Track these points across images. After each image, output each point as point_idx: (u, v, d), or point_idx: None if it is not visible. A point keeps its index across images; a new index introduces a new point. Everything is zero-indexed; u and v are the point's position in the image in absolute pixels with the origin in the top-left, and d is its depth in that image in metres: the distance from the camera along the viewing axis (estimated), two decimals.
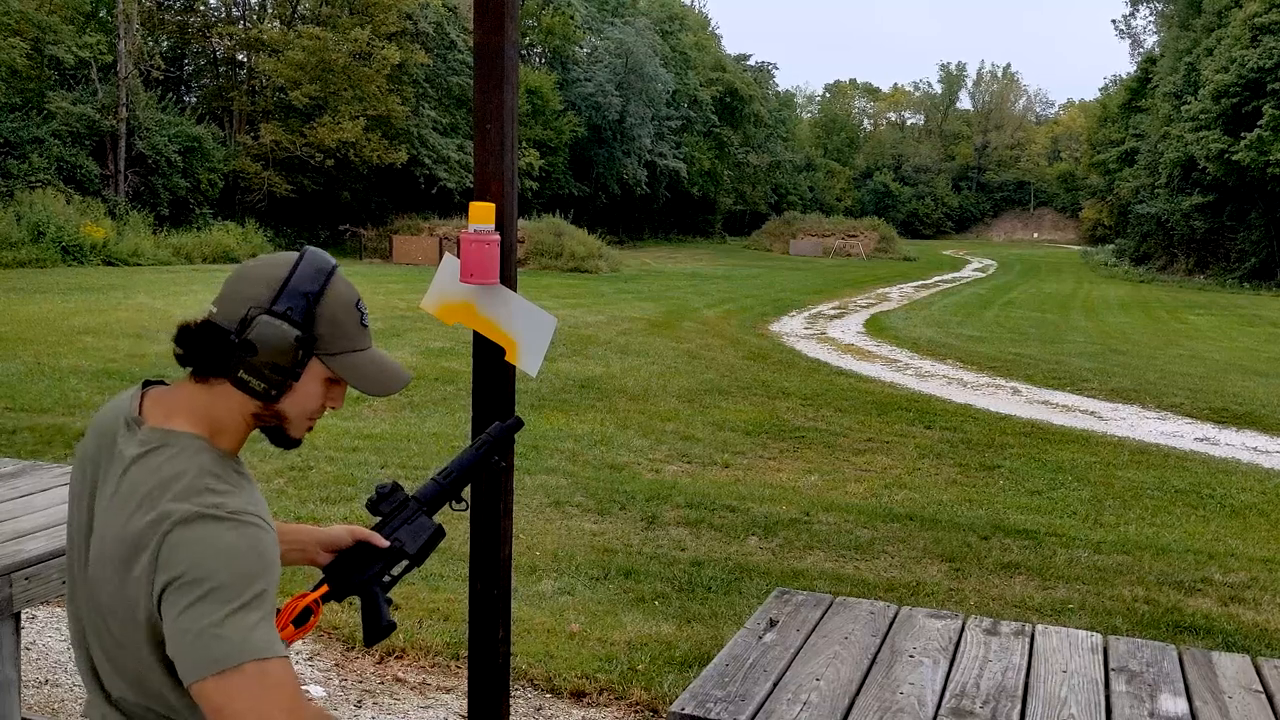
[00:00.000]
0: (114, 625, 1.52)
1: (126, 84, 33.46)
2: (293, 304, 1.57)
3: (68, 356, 11.57)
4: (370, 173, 40.57)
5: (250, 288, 1.57)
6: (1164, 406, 11.73)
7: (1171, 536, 6.63)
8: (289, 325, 1.56)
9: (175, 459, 1.52)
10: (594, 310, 20.31)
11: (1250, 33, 37.53)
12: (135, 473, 1.52)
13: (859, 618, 2.72)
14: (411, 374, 1.79)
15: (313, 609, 1.75)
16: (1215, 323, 24.44)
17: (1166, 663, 2.51)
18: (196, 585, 1.41)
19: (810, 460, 8.45)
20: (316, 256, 1.63)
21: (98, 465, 1.59)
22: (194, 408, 1.58)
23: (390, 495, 1.94)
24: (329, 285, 1.62)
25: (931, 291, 32.90)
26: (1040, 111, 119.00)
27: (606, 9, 60.19)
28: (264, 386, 1.58)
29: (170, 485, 1.48)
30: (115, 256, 28.24)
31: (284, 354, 1.57)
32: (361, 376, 1.67)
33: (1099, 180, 63.93)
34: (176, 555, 1.43)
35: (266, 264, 1.61)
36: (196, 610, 1.41)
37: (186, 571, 1.42)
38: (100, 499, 1.56)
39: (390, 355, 1.77)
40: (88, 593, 1.56)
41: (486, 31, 2.45)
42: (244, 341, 1.54)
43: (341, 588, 1.87)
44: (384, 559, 1.91)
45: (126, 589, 1.48)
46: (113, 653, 1.53)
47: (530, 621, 4.63)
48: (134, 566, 1.46)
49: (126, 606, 1.48)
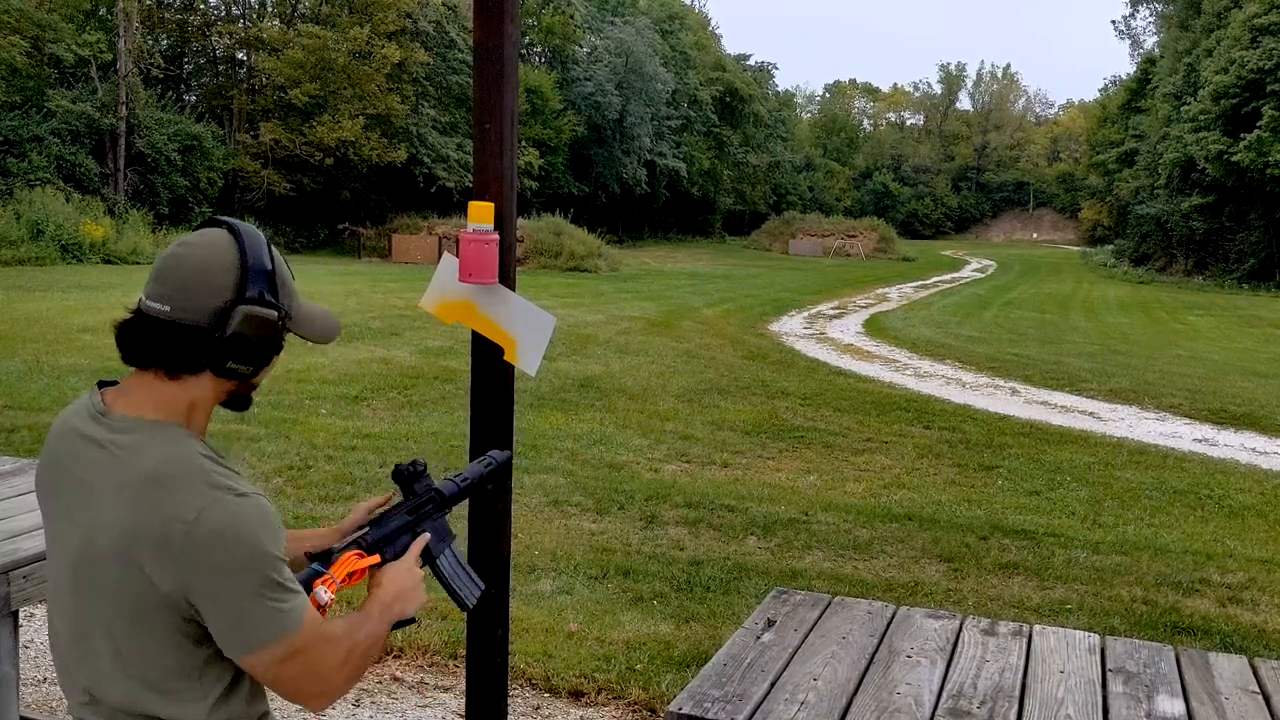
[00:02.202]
0: (119, 619, 1.53)
1: (126, 82, 33.45)
2: (260, 286, 1.59)
3: (66, 355, 11.57)
4: (369, 171, 40.56)
5: (208, 278, 1.56)
6: (1163, 407, 11.73)
7: (1170, 537, 6.63)
8: (266, 308, 1.60)
9: (164, 448, 1.53)
10: (593, 309, 20.31)
11: (1250, 34, 37.55)
12: (123, 461, 1.52)
13: (856, 618, 2.72)
14: (339, 320, 1.84)
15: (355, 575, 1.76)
16: (1214, 323, 24.45)
17: (1164, 664, 2.51)
18: (230, 566, 1.48)
19: (809, 460, 8.45)
20: (248, 230, 1.64)
21: (64, 465, 1.61)
22: (163, 400, 1.59)
23: (423, 476, 1.92)
24: (274, 257, 1.64)
25: (931, 292, 32.90)
26: (1040, 112, 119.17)
27: (606, 8, 60.19)
28: (251, 369, 1.63)
29: (174, 475, 1.50)
30: (114, 255, 28.23)
31: (270, 336, 1.62)
32: (313, 328, 1.74)
33: (1098, 181, 63.98)
34: (206, 542, 1.47)
35: (209, 249, 1.59)
36: (235, 590, 1.49)
37: (219, 556, 1.47)
38: (82, 494, 1.56)
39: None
40: (84, 590, 1.56)
41: (486, 31, 2.45)
42: (231, 335, 1.57)
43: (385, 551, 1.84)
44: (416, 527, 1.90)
45: (135, 580, 1.49)
46: (119, 646, 1.54)
47: (529, 621, 4.63)
48: (148, 558, 1.48)
49: (135, 597, 1.50)
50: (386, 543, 1.80)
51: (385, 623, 1.71)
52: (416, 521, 1.87)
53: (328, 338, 1.77)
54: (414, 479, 1.89)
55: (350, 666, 1.62)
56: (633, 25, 57.48)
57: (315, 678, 1.57)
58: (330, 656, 1.58)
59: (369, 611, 1.69)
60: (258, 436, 8.03)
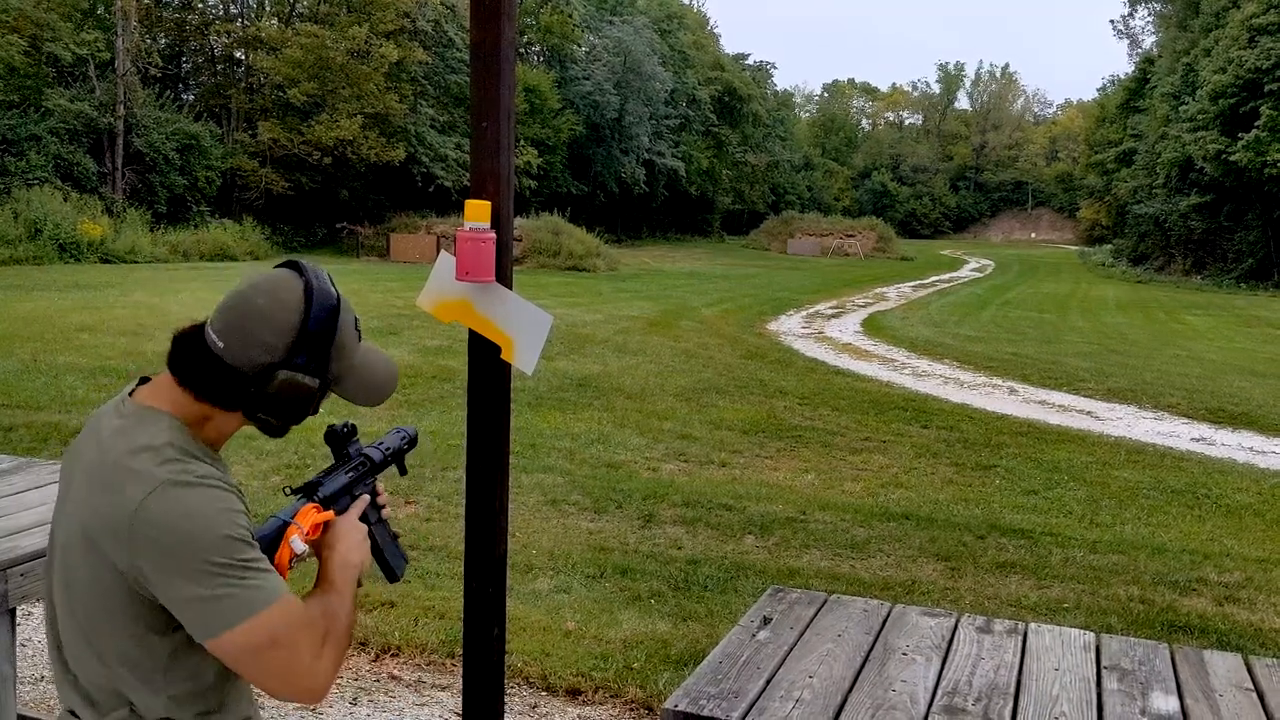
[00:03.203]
0: (82, 605, 1.55)
1: (124, 81, 33.44)
2: (311, 352, 1.60)
3: (64, 354, 11.57)
4: (368, 171, 40.52)
5: (263, 334, 1.57)
6: (1160, 406, 11.74)
7: (1167, 536, 6.64)
8: (308, 377, 1.61)
9: (140, 437, 1.54)
10: (592, 309, 20.31)
11: (1248, 34, 37.55)
12: (107, 446, 1.55)
13: (852, 616, 2.73)
14: (395, 369, 1.83)
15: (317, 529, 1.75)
16: (1212, 323, 24.47)
17: (1159, 661, 2.52)
18: (177, 553, 1.46)
19: (807, 459, 8.46)
20: (322, 293, 1.62)
21: (74, 455, 1.63)
22: (179, 403, 1.61)
23: (354, 439, 1.90)
24: (339, 324, 1.64)
25: (929, 291, 32.91)
26: (1038, 112, 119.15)
27: (605, 8, 60.17)
28: (280, 424, 1.65)
29: (131, 465, 1.51)
30: (112, 254, 28.23)
31: (305, 401, 1.63)
32: (357, 394, 1.74)
33: (1097, 180, 63.92)
34: (150, 531, 1.46)
35: (274, 302, 1.59)
36: (185, 576, 1.47)
37: (165, 542, 1.46)
38: (74, 482, 1.59)
39: (381, 353, 1.80)
40: (60, 576, 1.58)
41: (483, 30, 2.45)
42: (264, 394, 1.58)
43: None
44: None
45: (96, 566, 1.51)
46: (86, 632, 1.56)
47: (526, 619, 4.63)
48: (104, 542, 1.49)
49: (95, 582, 1.52)
50: (334, 500, 1.80)
51: (350, 585, 1.70)
52: (354, 483, 1.87)
53: (371, 403, 1.77)
54: (346, 440, 1.89)
55: (333, 648, 1.60)
56: (631, 24, 57.45)
57: (297, 664, 1.53)
58: (310, 639, 1.55)
59: (332, 580, 1.68)
60: (255, 435, 8.01)
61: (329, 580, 1.67)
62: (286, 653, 1.52)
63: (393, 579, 1.99)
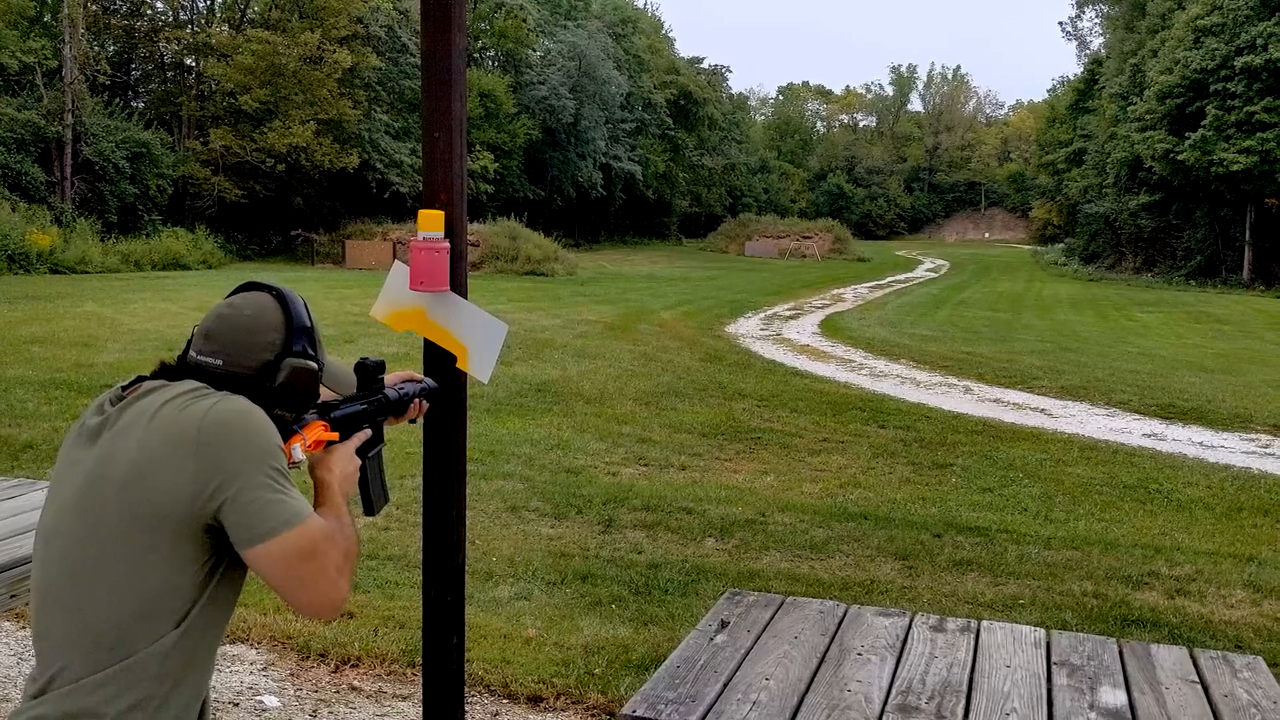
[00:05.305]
0: (119, 538, 1.59)
1: (72, 89, 32.94)
2: (303, 342, 1.79)
3: (14, 366, 11.39)
4: (322, 177, 40.16)
5: (260, 335, 1.75)
6: (1113, 403, 11.92)
7: (1120, 531, 6.75)
8: (309, 361, 1.79)
9: (186, 387, 1.69)
10: (550, 313, 20.28)
11: (1193, 34, 38.22)
12: (140, 402, 1.66)
13: (809, 617, 2.76)
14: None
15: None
16: (1163, 319, 24.87)
17: (1107, 656, 2.57)
18: (250, 449, 1.62)
19: (766, 461, 8.50)
20: (290, 295, 1.82)
21: (75, 432, 1.73)
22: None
23: (381, 377, 2.06)
24: (311, 315, 1.83)
25: (885, 292, 33.18)
26: (990, 113, 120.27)
27: (559, 12, 60.11)
28: (294, 415, 1.80)
29: (187, 401, 1.65)
30: (62, 264, 27.78)
31: (311, 385, 1.81)
32: (337, 381, 1.96)
33: (1048, 180, 64.73)
34: (218, 432, 1.61)
35: (257, 310, 1.77)
36: (250, 472, 1.60)
37: (232, 440, 1.61)
38: (88, 440, 1.67)
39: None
40: (88, 515, 1.62)
41: (433, 41, 2.46)
42: (275, 386, 1.74)
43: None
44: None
45: (149, 492, 1.58)
46: (110, 569, 1.59)
47: (487, 627, 4.62)
48: (164, 463, 1.59)
49: (144, 512, 1.58)
50: (343, 425, 1.90)
51: (345, 507, 1.82)
52: (366, 415, 1.98)
53: (344, 393, 1.97)
54: (375, 374, 2.02)
55: (349, 564, 1.73)
56: (585, 29, 57.43)
57: (324, 577, 1.65)
58: (334, 554, 1.68)
59: (336, 503, 1.79)
60: None
61: (335, 504, 1.80)
62: (318, 564, 1.64)
63: (369, 512, 2.07)
